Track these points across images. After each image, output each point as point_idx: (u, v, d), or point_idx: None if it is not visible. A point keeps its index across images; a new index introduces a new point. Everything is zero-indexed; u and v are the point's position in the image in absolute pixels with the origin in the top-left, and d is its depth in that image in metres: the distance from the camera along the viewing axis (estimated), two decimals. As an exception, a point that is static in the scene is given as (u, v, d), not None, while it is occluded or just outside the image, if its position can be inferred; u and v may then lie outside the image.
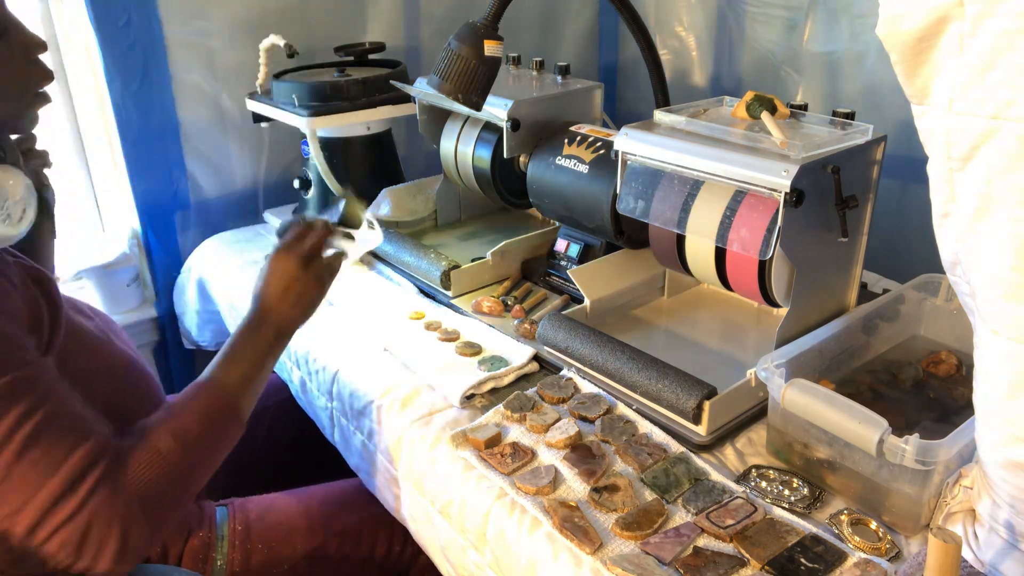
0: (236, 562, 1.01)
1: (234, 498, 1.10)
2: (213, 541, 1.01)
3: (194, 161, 1.60)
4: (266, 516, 1.06)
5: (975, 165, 0.58)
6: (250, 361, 0.87)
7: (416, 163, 1.88)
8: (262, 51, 1.50)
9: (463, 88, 1.11)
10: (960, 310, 1.01)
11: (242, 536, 1.03)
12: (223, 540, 1.02)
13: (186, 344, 1.62)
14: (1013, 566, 0.67)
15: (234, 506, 1.07)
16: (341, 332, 1.18)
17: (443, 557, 0.91)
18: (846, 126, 0.97)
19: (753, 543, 0.75)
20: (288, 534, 1.05)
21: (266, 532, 1.04)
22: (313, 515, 1.08)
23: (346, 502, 1.11)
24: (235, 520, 1.04)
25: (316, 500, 1.11)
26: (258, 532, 1.04)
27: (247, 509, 1.07)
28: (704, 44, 1.83)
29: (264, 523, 1.05)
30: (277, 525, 1.05)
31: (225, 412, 0.83)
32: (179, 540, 0.99)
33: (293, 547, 1.05)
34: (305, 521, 1.07)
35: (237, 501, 1.09)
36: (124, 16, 1.42)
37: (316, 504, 1.10)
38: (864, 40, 1.47)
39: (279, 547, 1.04)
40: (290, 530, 1.05)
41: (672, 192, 1.00)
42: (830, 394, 0.80)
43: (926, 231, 0.69)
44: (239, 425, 0.85)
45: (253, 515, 1.06)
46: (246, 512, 1.06)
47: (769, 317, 1.17)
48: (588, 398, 0.98)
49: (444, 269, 1.23)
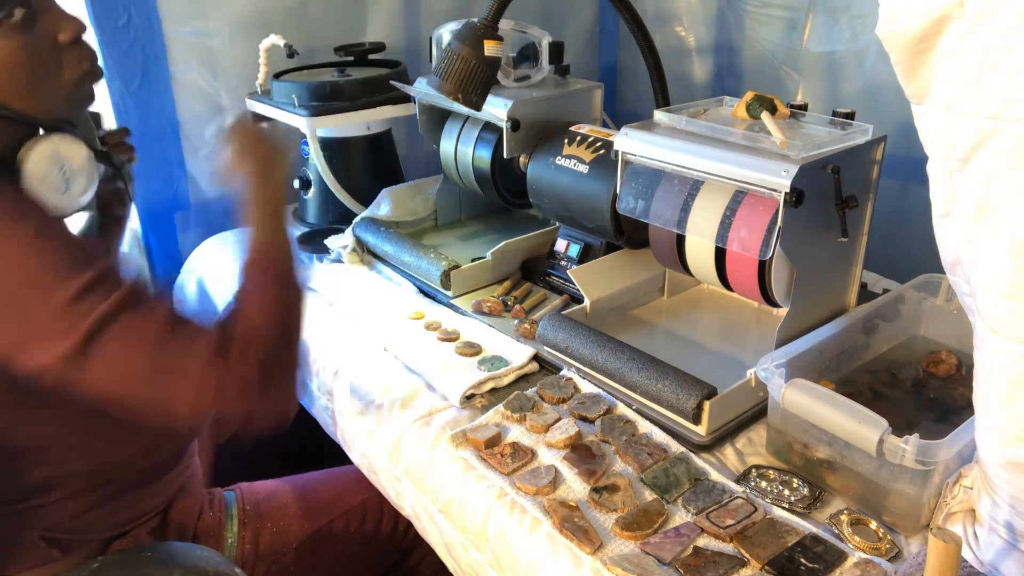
0: (246, 539, 1.05)
1: (241, 483, 1.13)
2: (223, 520, 1.05)
3: (194, 161, 1.60)
4: (273, 498, 1.10)
5: (975, 165, 0.58)
6: (270, 225, 0.90)
7: (416, 163, 1.88)
8: (262, 51, 1.50)
9: (463, 88, 1.11)
10: (960, 310, 1.00)
11: (251, 515, 1.07)
12: (232, 519, 1.06)
13: (187, 344, 1.62)
14: (1013, 566, 0.67)
15: (242, 490, 1.11)
16: (341, 332, 1.18)
17: (447, 553, 0.91)
18: (846, 126, 0.97)
19: (753, 543, 0.75)
20: (295, 514, 1.09)
21: (273, 512, 1.08)
22: (318, 497, 1.11)
23: (349, 486, 1.14)
24: (244, 501, 1.08)
25: (320, 485, 1.14)
26: (266, 512, 1.08)
27: (255, 491, 1.11)
28: (704, 44, 1.83)
29: (271, 504, 1.09)
30: (284, 506, 1.09)
31: (279, 271, 0.86)
32: (192, 520, 1.02)
33: (300, 526, 1.08)
34: (311, 503, 1.10)
35: (244, 486, 1.13)
36: (124, 16, 1.42)
37: (320, 488, 1.13)
38: (864, 40, 1.47)
39: (286, 526, 1.07)
40: (297, 510, 1.09)
41: (672, 192, 1.00)
42: (830, 394, 0.80)
43: (926, 231, 0.69)
44: (297, 285, 0.87)
45: (260, 497, 1.10)
46: (254, 494, 1.10)
47: (769, 317, 1.17)
48: (588, 398, 0.98)
49: (444, 269, 1.23)
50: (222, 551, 1.03)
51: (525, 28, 1.29)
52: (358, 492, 1.12)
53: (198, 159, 1.60)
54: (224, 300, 0.83)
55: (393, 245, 1.33)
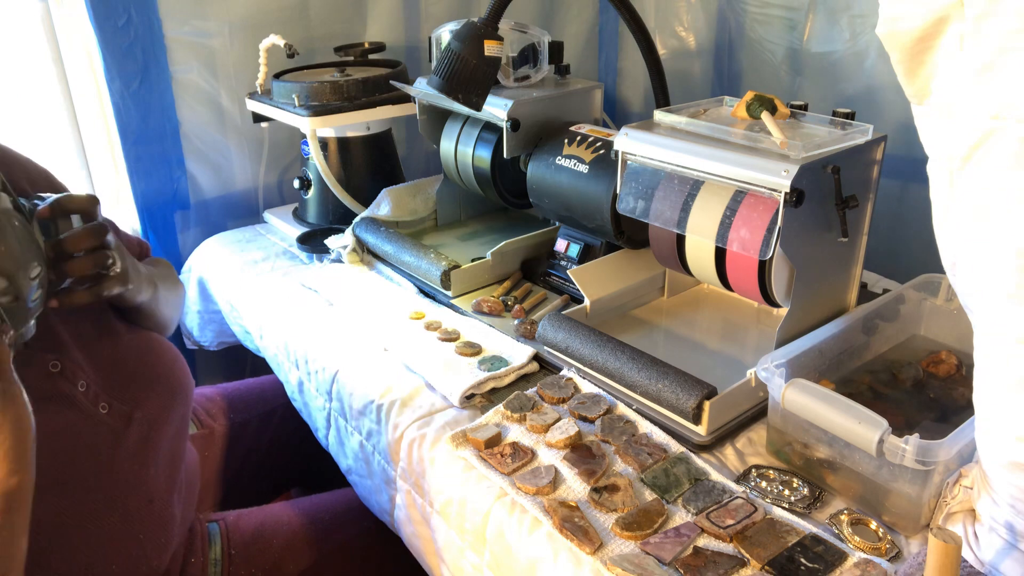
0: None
1: (227, 513, 1.08)
2: (206, 567, 1.00)
3: (194, 161, 1.60)
4: (260, 536, 1.05)
5: (975, 165, 0.58)
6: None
7: (416, 163, 1.88)
8: (262, 51, 1.50)
9: (463, 88, 1.11)
10: (960, 310, 1.01)
11: (237, 561, 1.02)
12: (217, 564, 1.01)
13: (188, 344, 1.62)
14: (1013, 566, 0.67)
15: (227, 524, 1.05)
16: (341, 332, 1.18)
17: (439, 560, 0.91)
18: (846, 126, 0.97)
19: (753, 543, 0.75)
20: (282, 554, 1.04)
21: (259, 555, 1.03)
22: (308, 531, 1.07)
23: (342, 516, 1.10)
24: (228, 543, 1.03)
25: (311, 514, 1.09)
26: (252, 555, 1.03)
27: (240, 528, 1.05)
28: (704, 44, 1.83)
29: (258, 545, 1.04)
30: (270, 548, 1.04)
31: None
32: (175, 569, 0.97)
33: (287, 569, 1.03)
34: (299, 539, 1.06)
35: (230, 517, 1.07)
36: (124, 16, 1.42)
37: (311, 519, 1.09)
38: (864, 40, 1.47)
39: (272, 570, 1.03)
40: (284, 550, 1.04)
41: (672, 192, 1.00)
42: (830, 394, 0.80)
43: (926, 231, 0.69)
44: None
45: (248, 535, 1.04)
46: (240, 532, 1.05)
47: (769, 317, 1.17)
48: (588, 398, 0.98)
49: (444, 269, 1.23)
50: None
51: (525, 28, 1.29)
52: (351, 523, 1.09)
53: (198, 159, 1.60)
54: (224, 300, 0.81)
55: (393, 245, 1.33)
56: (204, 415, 1.26)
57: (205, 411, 1.27)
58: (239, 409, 1.30)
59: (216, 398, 1.30)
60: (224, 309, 1.45)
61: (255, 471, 1.29)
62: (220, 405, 1.29)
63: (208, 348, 1.59)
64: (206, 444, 1.23)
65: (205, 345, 1.58)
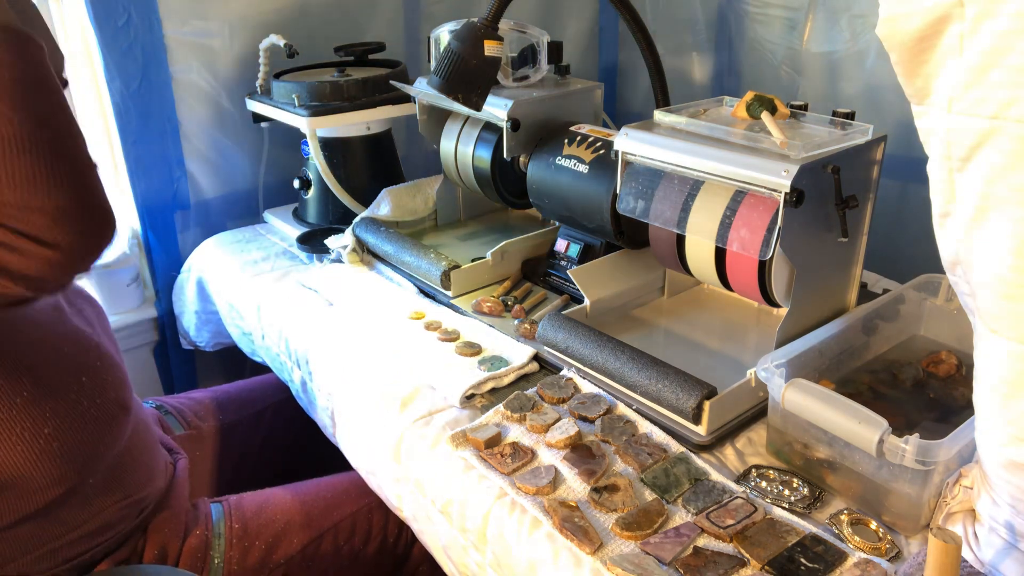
0: (233, 560, 1.01)
1: (229, 495, 1.10)
2: (210, 540, 1.01)
3: (194, 161, 1.60)
4: (262, 512, 1.07)
5: (975, 165, 0.58)
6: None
7: (416, 163, 1.88)
8: (262, 51, 1.50)
9: (463, 88, 1.11)
10: (960, 310, 1.01)
11: (239, 534, 1.03)
12: (220, 538, 1.02)
13: (184, 344, 1.62)
14: (1013, 566, 0.67)
15: (229, 503, 1.07)
16: (341, 332, 1.18)
17: (445, 556, 0.91)
18: (846, 126, 0.97)
19: (753, 543, 0.75)
20: (284, 529, 1.06)
21: (262, 529, 1.05)
22: (309, 509, 1.09)
23: (341, 495, 1.12)
24: (231, 518, 1.05)
25: (311, 494, 1.11)
26: (255, 529, 1.04)
27: (243, 506, 1.07)
28: (704, 44, 1.83)
29: (260, 520, 1.06)
30: (273, 521, 1.06)
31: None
32: (176, 541, 0.99)
33: (290, 542, 1.05)
34: (301, 516, 1.08)
35: (232, 498, 1.09)
36: (124, 16, 1.42)
37: (311, 498, 1.11)
38: (864, 40, 1.47)
39: (276, 543, 1.04)
40: (286, 525, 1.06)
41: (672, 192, 1.00)
42: (830, 394, 0.80)
43: (926, 231, 0.69)
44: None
45: (249, 512, 1.06)
46: (242, 509, 1.06)
47: (769, 317, 1.17)
48: (588, 398, 0.98)
49: (444, 269, 1.23)
50: (208, 572, 0.99)
51: (525, 28, 1.29)
52: (350, 501, 1.10)
53: (198, 159, 1.60)
54: (223, 300, 0.82)
55: (393, 245, 1.33)
56: (192, 416, 1.27)
57: (193, 413, 1.28)
58: (229, 410, 1.32)
59: (205, 400, 1.32)
60: (222, 310, 1.44)
61: (251, 471, 1.30)
62: (209, 407, 1.31)
63: (204, 349, 1.59)
64: (195, 444, 1.24)
65: (201, 345, 1.58)
